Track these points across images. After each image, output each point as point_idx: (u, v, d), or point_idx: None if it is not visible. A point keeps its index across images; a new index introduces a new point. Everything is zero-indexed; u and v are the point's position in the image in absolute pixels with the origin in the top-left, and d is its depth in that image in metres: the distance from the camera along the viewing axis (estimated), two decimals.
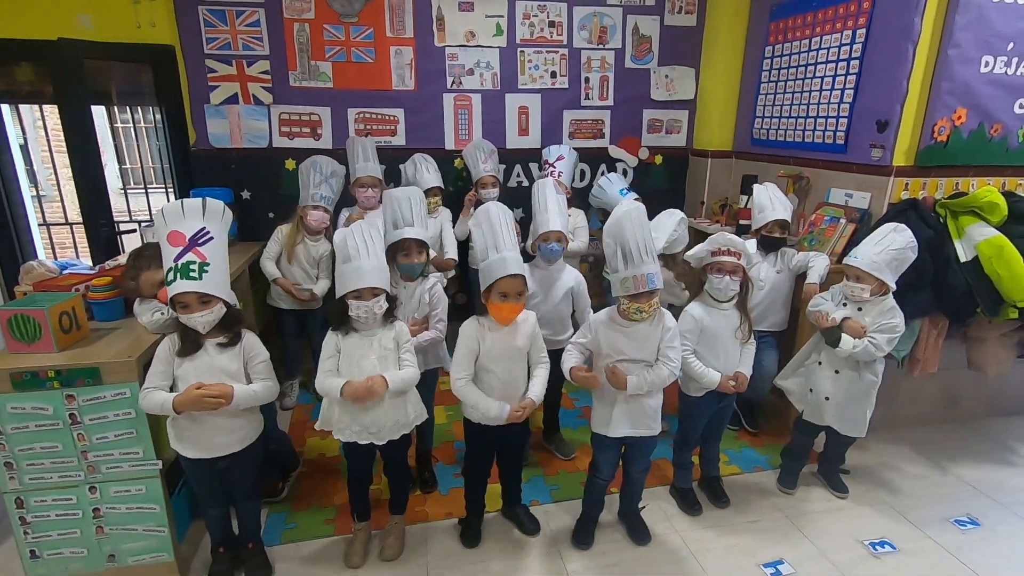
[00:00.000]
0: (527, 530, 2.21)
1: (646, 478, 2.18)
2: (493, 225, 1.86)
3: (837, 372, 2.22)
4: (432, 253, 2.27)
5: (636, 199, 3.18)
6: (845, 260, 2.15)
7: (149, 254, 1.85)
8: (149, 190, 3.77)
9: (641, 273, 1.75)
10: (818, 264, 2.50)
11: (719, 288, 2.05)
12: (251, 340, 1.78)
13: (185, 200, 1.68)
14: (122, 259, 2.46)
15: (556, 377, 2.64)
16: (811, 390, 2.29)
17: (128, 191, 4.83)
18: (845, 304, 2.20)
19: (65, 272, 2.72)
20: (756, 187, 2.68)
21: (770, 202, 2.60)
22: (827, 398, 2.24)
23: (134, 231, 3.22)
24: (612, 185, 3.26)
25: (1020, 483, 2.56)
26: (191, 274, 1.60)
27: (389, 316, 1.87)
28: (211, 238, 1.68)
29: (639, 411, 1.96)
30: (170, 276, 1.59)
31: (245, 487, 1.89)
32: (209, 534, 1.97)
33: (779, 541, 2.18)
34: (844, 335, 2.13)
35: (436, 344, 2.26)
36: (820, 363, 2.26)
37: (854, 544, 2.17)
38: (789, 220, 2.63)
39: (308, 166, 2.85)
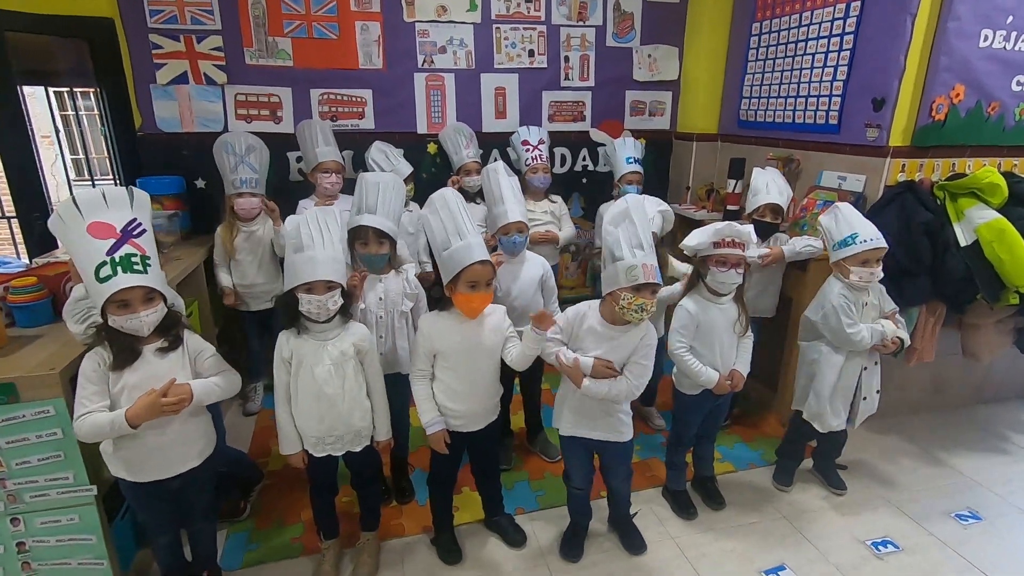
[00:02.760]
0: (512, 541, 2.06)
1: (630, 484, 2.03)
2: (452, 210, 1.68)
3: (866, 368, 2.12)
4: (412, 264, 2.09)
5: (636, 171, 3.02)
6: (863, 248, 1.95)
7: None
8: (97, 182, 3.48)
9: (650, 263, 1.61)
10: (804, 244, 2.42)
11: (722, 282, 1.90)
12: (194, 339, 1.58)
13: (105, 188, 1.45)
14: (60, 255, 2.21)
15: (536, 374, 2.51)
16: (865, 398, 2.15)
17: (74, 183, 4.49)
18: (864, 305, 2.08)
19: None
20: (756, 170, 2.55)
21: (765, 186, 2.48)
22: (865, 398, 2.14)
23: None
24: (624, 148, 3.06)
25: (1015, 472, 2.50)
26: (135, 267, 1.39)
27: (345, 315, 1.68)
28: (145, 230, 1.47)
29: (602, 413, 1.81)
30: (104, 272, 1.36)
31: (202, 506, 1.69)
32: (158, 564, 1.76)
33: (779, 544, 2.06)
34: (901, 331, 2.09)
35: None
36: (866, 368, 2.12)
37: (856, 544, 2.06)
38: (783, 206, 2.50)
39: (219, 148, 2.61)
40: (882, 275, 2.00)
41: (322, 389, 1.62)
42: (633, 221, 1.64)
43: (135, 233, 1.44)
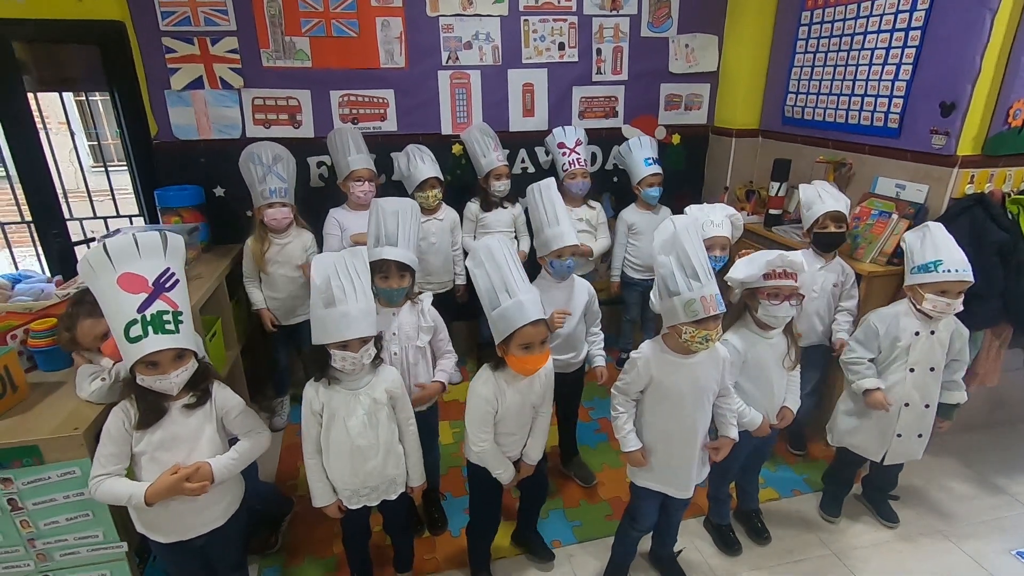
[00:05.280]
0: (542, 556, 2.03)
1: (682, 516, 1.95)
2: (499, 264, 1.55)
3: (907, 405, 1.97)
4: (428, 294, 1.98)
5: (657, 173, 2.93)
6: (944, 277, 1.80)
7: (91, 300, 1.53)
8: (110, 169, 3.37)
9: (710, 293, 1.47)
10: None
11: (775, 316, 1.76)
12: (222, 394, 1.50)
13: (138, 234, 1.35)
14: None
15: (574, 393, 2.41)
16: (900, 435, 2.01)
17: (90, 171, 4.38)
18: (916, 334, 1.91)
19: (17, 288, 2.40)
20: (801, 186, 2.37)
21: (818, 196, 2.29)
22: (899, 435, 2.00)
23: (93, 239, 2.87)
24: (641, 150, 2.95)
25: None
26: (167, 327, 1.30)
27: (376, 360, 1.58)
28: (178, 281, 1.38)
29: (699, 460, 1.73)
30: (135, 331, 1.28)
31: (230, 560, 1.64)
32: None
33: None
34: (955, 393, 1.98)
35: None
36: (907, 404, 1.97)
37: None
38: (845, 212, 2.28)
39: (246, 159, 2.50)
40: (960, 308, 1.84)
41: (355, 442, 1.54)
42: (684, 247, 1.50)
43: (167, 286, 1.35)
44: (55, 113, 7.14)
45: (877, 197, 2.53)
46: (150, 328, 1.28)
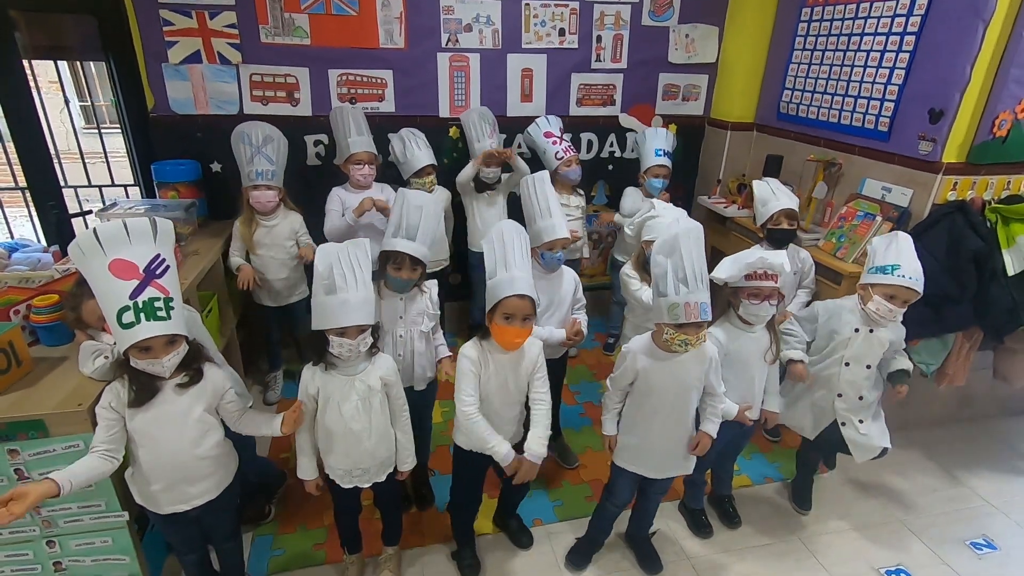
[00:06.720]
0: (520, 543, 2.13)
1: (659, 501, 2.05)
2: (505, 244, 1.65)
3: (840, 396, 2.05)
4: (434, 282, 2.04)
5: (664, 165, 3.00)
6: (897, 281, 1.86)
7: None
8: (104, 131, 3.38)
9: (694, 301, 1.54)
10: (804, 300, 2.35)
11: (755, 315, 1.83)
12: (216, 376, 1.55)
13: (128, 219, 1.38)
14: None
15: (558, 377, 2.49)
16: (844, 424, 2.09)
17: (82, 132, 4.36)
18: (856, 331, 1.99)
19: (14, 256, 2.43)
20: (755, 183, 2.45)
21: (772, 193, 2.38)
22: (844, 424, 2.09)
23: (89, 212, 2.88)
24: (655, 139, 3.01)
25: None
26: (159, 314, 1.34)
27: (372, 348, 1.64)
28: (168, 267, 1.41)
29: (678, 451, 1.82)
30: (127, 317, 1.31)
31: (225, 530, 1.72)
32: None
33: (794, 569, 2.09)
34: (902, 364, 2.03)
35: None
36: (840, 395, 2.06)
37: (871, 573, 2.08)
38: (796, 209, 2.40)
39: (236, 139, 2.48)
40: (900, 317, 1.91)
41: (349, 426, 1.61)
42: (682, 253, 1.57)
43: (158, 272, 1.38)
44: (46, 72, 6.99)
45: (863, 198, 2.59)
46: (142, 315, 1.32)
